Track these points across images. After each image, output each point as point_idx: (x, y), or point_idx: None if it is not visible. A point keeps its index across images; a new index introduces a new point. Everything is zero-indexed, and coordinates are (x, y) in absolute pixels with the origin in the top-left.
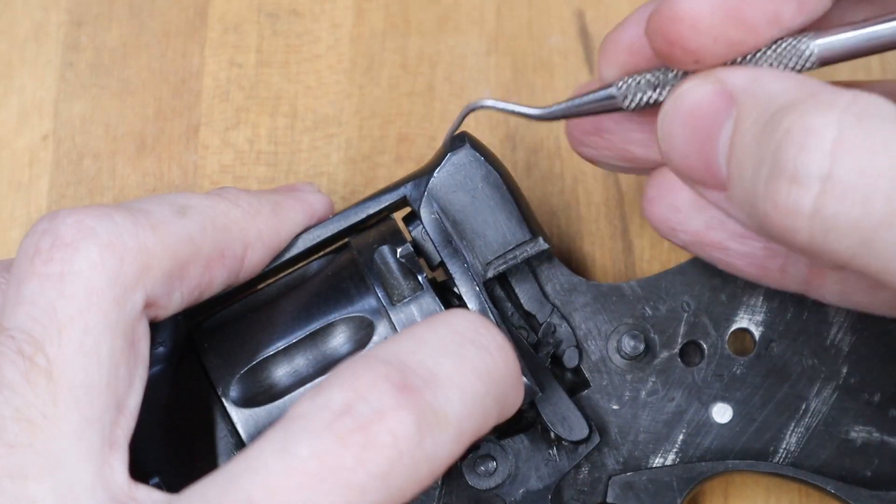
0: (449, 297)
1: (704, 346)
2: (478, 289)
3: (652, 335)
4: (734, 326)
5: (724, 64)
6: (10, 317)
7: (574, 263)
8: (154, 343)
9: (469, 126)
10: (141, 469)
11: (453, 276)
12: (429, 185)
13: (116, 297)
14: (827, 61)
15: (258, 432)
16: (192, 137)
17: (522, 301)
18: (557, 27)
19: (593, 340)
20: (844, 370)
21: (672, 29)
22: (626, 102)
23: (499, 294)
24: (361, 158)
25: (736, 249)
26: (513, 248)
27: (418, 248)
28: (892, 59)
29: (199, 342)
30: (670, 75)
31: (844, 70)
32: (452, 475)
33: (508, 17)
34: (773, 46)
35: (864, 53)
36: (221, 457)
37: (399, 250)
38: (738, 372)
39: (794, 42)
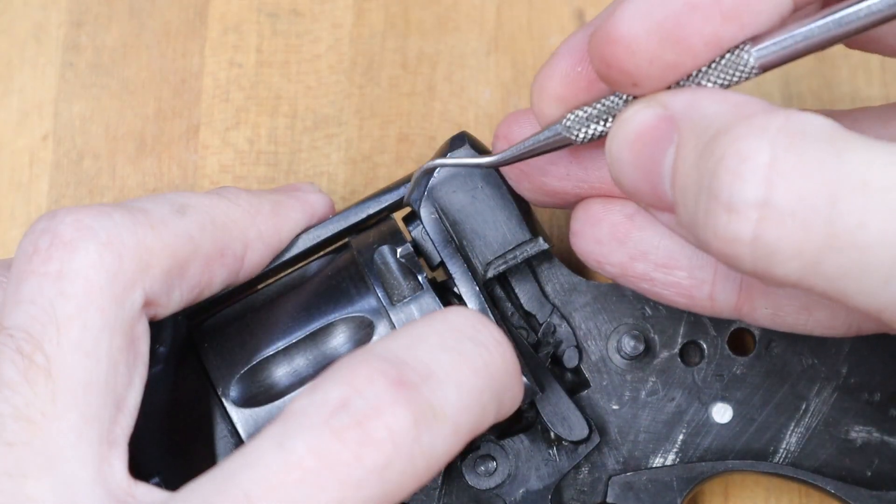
0: (449, 297)
1: (704, 346)
2: (477, 289)
3: (652, 335)
4: (734, 326)
5: (668, 85)
6: (9, 315)
7: (574, 263)
8: (154, 343)
9: (469, 125)
10: (141, 469)
11: (453, 276)
12: (429, 185)
13: (115, 295)
14: (767, 67)
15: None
16: (192, 137)
17: (522, 301)
18: (557, 27)
19: (593, 340)
20: (844, 370)
21: (608, 51)
22: (577, 136)
23: (499, 294)
24: (361, 158)
25: (661, 280)
26: (513, 248)
27: (418, 248)
28: (892, 60)
29: (199, 342)
30: (615, 104)
31: (844, 71)
32: (452, 475)
33: (508, 17)
34: (715, 62)
35: (801, 54)
36: (221, 457)
37: (399, 250)
38: (738, 372)
39: (734, 54)
